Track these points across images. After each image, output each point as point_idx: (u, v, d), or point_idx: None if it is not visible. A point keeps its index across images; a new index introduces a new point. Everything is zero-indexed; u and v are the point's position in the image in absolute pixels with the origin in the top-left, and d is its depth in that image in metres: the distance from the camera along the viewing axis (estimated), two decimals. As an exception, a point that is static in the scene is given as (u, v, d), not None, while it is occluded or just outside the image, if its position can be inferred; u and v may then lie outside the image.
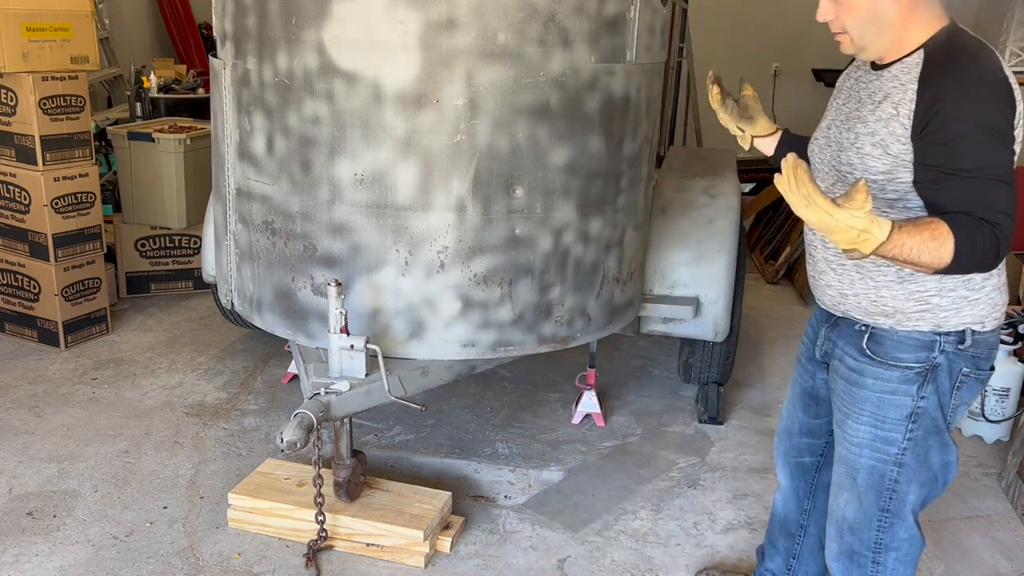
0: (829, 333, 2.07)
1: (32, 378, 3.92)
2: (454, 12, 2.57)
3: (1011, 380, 3.55)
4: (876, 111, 1.80)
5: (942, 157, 1.68)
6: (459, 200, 2.72)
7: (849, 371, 1.98)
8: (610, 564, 2.77)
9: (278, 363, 4.12)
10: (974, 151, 1.66)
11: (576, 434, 3.58)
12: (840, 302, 1.98)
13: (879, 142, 1.78)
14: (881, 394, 1.92)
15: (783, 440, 2.37)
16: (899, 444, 1.93)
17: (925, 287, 1.84)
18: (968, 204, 1.65)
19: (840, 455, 2.05)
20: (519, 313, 2.87)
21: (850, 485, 2.02)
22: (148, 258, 4.92)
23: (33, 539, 2.79)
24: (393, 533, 2.72)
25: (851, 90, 1.95)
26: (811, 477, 2.34)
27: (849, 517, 2.04)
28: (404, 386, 2.77)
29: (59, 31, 3.99)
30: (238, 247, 3.09)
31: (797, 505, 2.39)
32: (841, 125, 1.92)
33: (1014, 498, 3.14)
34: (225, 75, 2.97)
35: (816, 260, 2.03)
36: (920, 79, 1.73)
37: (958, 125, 1.67)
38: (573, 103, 2.74)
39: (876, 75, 1.86)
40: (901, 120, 1.74)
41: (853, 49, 1.85)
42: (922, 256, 1.61)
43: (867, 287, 1.90)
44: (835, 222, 1.54)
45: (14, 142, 4.03)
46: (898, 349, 1.89)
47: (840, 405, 2.02)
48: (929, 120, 1.69)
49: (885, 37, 1.79)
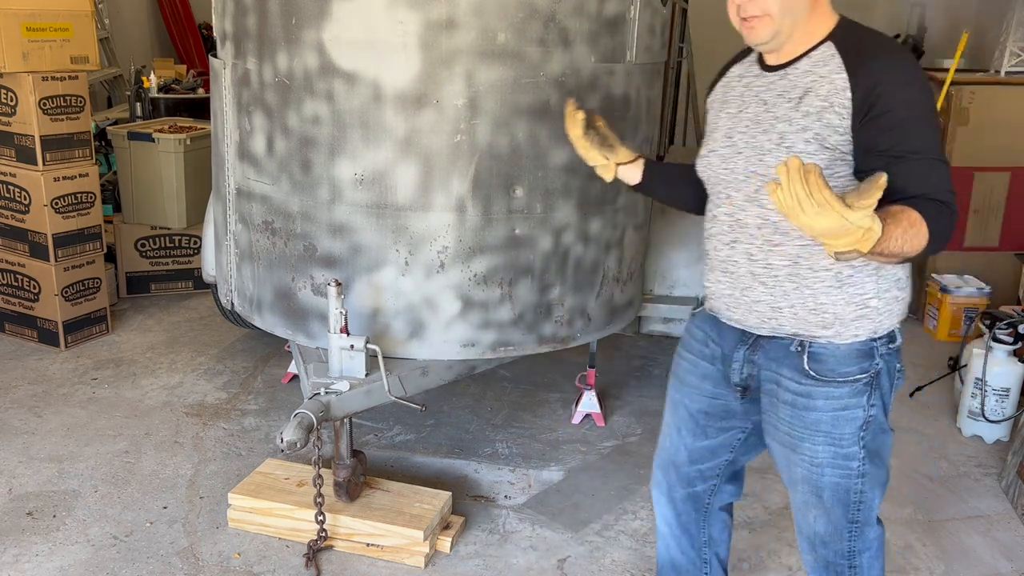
0: (750, 356, 1.93)
1: (32, 378, 3.91)
2: (454, 12, 2.57)
3: (1011, 380, 3.55)
4: (800, 107, 1.75)
5: (890, 141, 1.66)
6: (459, 200, 2.72)
7: (795, 396, 1.87)
8: (610, 564, 2.77)
9: (278, 363, 4.12)
10: (920, 132, 1.66)
11: (576, 434, 3.58)
12: (771, 317, 1.85)
13: (814, 137, 1.72)
14: (834, 412, 1.85)
15: (667, 474, 2.17)
16: (858, 457, 1.88)
17: (863, 290, 1.80)
18: (923, 186, 1.63)
19: (798, 476, 1.94)
20: (519, 313, 2.87)
21: (816, 502, 1.95)
22: (148, 258, 4.92)
23: (33, 539, 2.79)
24: (393, 533, 2.72)
25: (744, 96, 1.88)
26: (703, 505, 2.18)
27: (820, 531, 1.98)
28: (404, 386, 2.77)
29: (59, 31, 3.99)
30: (238, 247, 3.09)
31: (691, 541, 2.22)
32: (750, 130, 1.84)
33: (1014, 498, 3.14)
34: (225, 75, 2.97)
35: (738, 276, 1.88)
36: (846, 67, 1.71)
37: (903, 108, 1.65)
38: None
39: (779, 74, 1.81)
40: (836, 111, 1.70)
41: (767, 35, 1.77)
42: (905, 246, 1.56)
43: (804, 296, 1.81)
44: (848, 224, 1.42)
45: (14, 142, 4.03)
46: (841, 364, 1.83)
47: (789, 431, 1.91)
48: (871, 106, 1.66)
49: (795, 24, 1.77)
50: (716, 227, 1.92)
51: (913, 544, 2.91)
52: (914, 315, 5.01)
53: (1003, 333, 3.56)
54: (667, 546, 2.26)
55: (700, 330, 2.06)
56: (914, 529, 2.99)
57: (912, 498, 3.17)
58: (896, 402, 4.01)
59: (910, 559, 2.83)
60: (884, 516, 3.06)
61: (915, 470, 3.37)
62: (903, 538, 2.94)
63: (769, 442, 2.00)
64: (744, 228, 1.84)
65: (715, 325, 2.00)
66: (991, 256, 4.89)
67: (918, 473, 3.35)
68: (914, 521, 3.04)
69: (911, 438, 3.62)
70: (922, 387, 4.02)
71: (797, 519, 2.03)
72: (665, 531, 2.24)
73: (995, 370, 3.53)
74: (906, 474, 3.34)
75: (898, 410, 3.88)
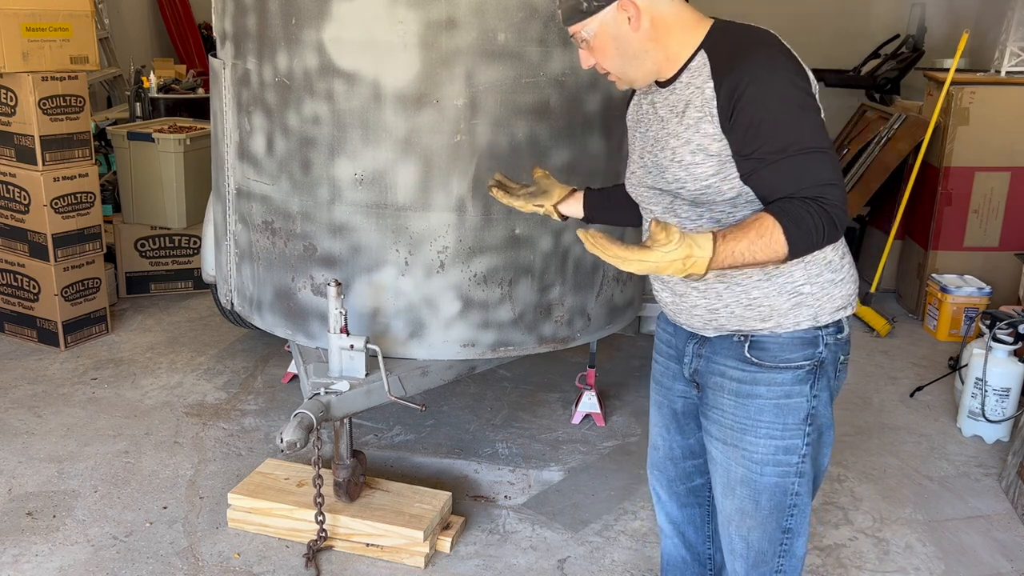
0: (699, 349, 1.93)
1: (32, 378, 3.91)
2: (454, 12, 2.57)
3: (1011, 380, 3.54)
4: (683, 120, 1.76)
5: (753, 144, 1.66)
6: (459, 200, 2.72)
7: (738, 384, 1.86)
8: (610, 564, 2.77)
9: (278, 363, 4.12)
10: (778, 131, 1.65)
11: (576, 434, 3.58)
12: (711, 319, 1.87)
13: (697, 148, 1.73)
14: (777, 400, 1.84)
15: (665, 469, 2.16)
16: (799, 452, 1.86)
17: (793, 278, 1.79)
18: (790, 186, 1.63)
19: (737, 477, 1.90)
20: (519, 313, 2.87)
21: (753, 510, 1.90)
22: (148, 258, 4.92)
23: (33, 539, 2.79)
24: (393, 533, 2.72)
25: (648, 115, 1.89)
26: (706, 499, 2.16)
27: (755, 546, 1.94)
28: (404, 386, 2.77)
29: (59, 31, 3.99)
30: (238, 247, 3.09)
31: (696, 536, 2.21)
32: (652, 149, 1.85)
33: (1014, 498, 3.14)
34: (225, 75, 2.96)
35: (674, 284, 1.91)
36: (713, 75, 1.71)
37: (755, 110, 1.65)
38: (573, 103, 2.74)
39: (668, 90, 1.82)
40: (709, 119, 1.71)
41: (625, 85, 1.84)
42: (757, 255, 1.59)
43: (736, 294, 1.82)
44: (656, 264, 1.53)
45: (14, 142, 4.03)
46: (784, 351, 1.83)
47: (731, 424, 1.88)
48: (732, 110, 1.67)
49: (647, 64, 1.77)
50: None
51: (913, 544, 2.91)
52: (914, 315, 5.01)
53: (1003, 333, 3.56)
54: (673, 543, 2.25)
55: (664, 332, 2.08)
56: (914, 529, 2.99)
57: (912, 498, 3.17)
58: (896, 402, 4.04)
59: (910, 559, 2.83)
60: (884, 516, 3.07)
61: (915, 470, 3.37)
62: (903, 538, 2.94)
63: (711, 446, 1.95)
64: None
65: (673, 324, 2.03)
66: (991, 256, 4.88)
67: (918, 473, 3.35)
68: (914, 521, 3.04)
69: (911, 438, 3.62)
70: (922, 387, 4.02)
71: (728, 535, 1.97)
72: (669, 529, 2.24)
73: (995, 370, 3.53)
74: (906, 474, 3.34)
75: (898, 410, 3.88)
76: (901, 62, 6.78)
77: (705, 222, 1.78)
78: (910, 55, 6.78)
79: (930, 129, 4.83)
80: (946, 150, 4.80)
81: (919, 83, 6.08)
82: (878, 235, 5.44)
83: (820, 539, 2.91)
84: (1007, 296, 4.74)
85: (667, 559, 2.29)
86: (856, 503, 3.13)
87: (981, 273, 4.80)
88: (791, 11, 7.24)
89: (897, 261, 5.31)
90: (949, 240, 4.88)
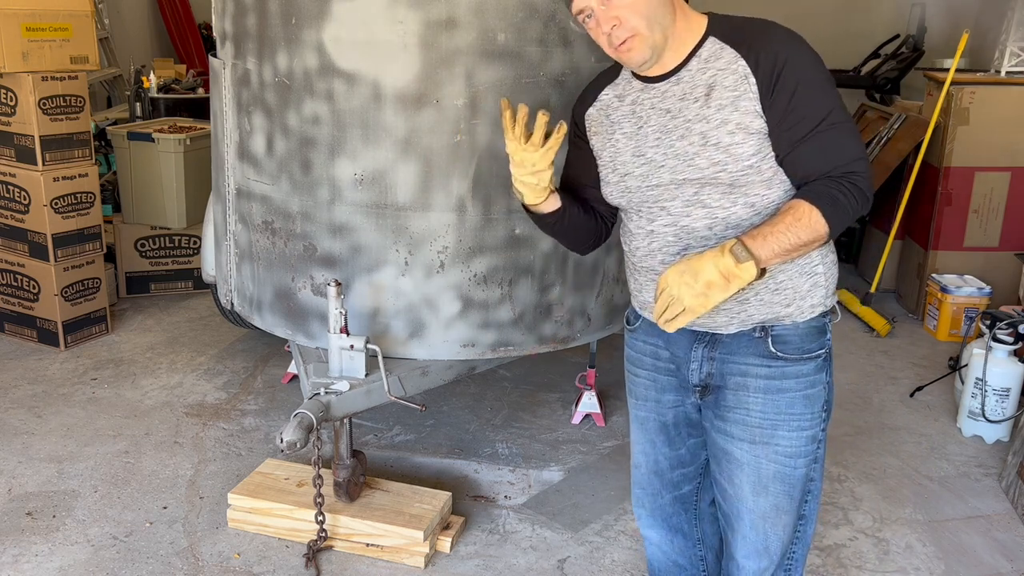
0: (709, 353, 1.89)
1: (32, 378, 3.91)
2: (454, 12, 2.56)
3: (1011, 380, 3.54)
4: (710, 103, 1.73)
5: (794, 115, 1.70)
6: (459, 200, 2.72)
7: (766, 380, 1.85)
8: (610, 564, 2.77)
9: (278, 363, 4.12)
10: (815, 100, 1.71)
11: (576, 434, 3.58)
12: (740, 311, 1.83)
13: (736, 127, 1.72)
14: (804, 391, 1.86)
15: (651, 482, 2.13)
16: (819, 439, 1.90)
17: (810, 258, 1.82)
18: (823, 165, 1.71)
19: (769, 475, 1.89)
20: (519, 313, 2.87)
21: (788, 504, 1.91)
22: (148, 258, 4.92)
23: (33, 539, 2.79)
24: (393, 533, 2.72)
25: (636, 113, 1.85)
26: (692, 505, 2.16)
27: (784, 539, 1.95)
28: (404, 386, 2.77)
29: (59, 31, 3.99)
30: (238, 247, 3.09)
31: (686, 542, 2.20)
32: (663, 141, 1.80)
33: (1014, 498, 3.14)
34: (225, 75, 2.96)
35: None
36: (741, 54, 1.73)
37: (797, 78, 1.70)
38: (573, 103, 2.73)
39: (670, 81, 1.80)
40: (749, 95, 1.71)
41: (645, 53, 1.75)
42: (801, 236, 1.66)
43: (762, 280, 1.79)
44: (691, 302, 1.65)
45: (14, 142, 4.03)
46: (804, 341, 1.85)
47: (759, 421, 1.87)
48: (775, 82, 1.70)
49: (669, 31, 1.76)
50: (657, 241, 1.86)
51: (913, 544, 2.91)
52: (914, 315, 5.01)
53: (1003, 333, 3.56)
54: (663, 552, 2.24)
55: (645, 344, 2.02)
56: (914, 529, 2.99)
57: (912, 498, 3.17)
58: (896, 402, 4.04)
59: (910, 559, 2.83)
60: (884, 516, 3.07)
61: (915, 470, 3.37)
62: (903, 538, 2.94)
63: (732, 448, 1.91)
64: (693, 232, 1.80)
65: (660, 333, 1.95)
66: (991, 256, 4.88)
67: (918, 473, 3.35)
68: (914, 521, 3.04)
69: (911, 438, 3.62)
70: (922, 387, 4.02)
71: (763, 534, 1.95)
72: (656, 539, 2.22)
73: (995, 370, 3.53)
74: (906, 474, 3.34)
75: (898, 410, 3.88)
76: (901, 62, 6.78)
77: (739, 208, 1.76)
78: (910, 55, 6.78)
79: (930, 129, 4.83)
80: (946, 150, 4.80)
81: (919, 83, 6.09)
82: (878, 235, 5.44)
83: (820, 539, 2.91)
84: (1007, 296, 4.74)
85: (656, 566, 2.29)
86: (856, 503, 3.13)
87: (981, 273, 4.80)
88: (791, 11, 7.22)
89: (897, 261, 5.31)
90: (949, 240, 4.88)
